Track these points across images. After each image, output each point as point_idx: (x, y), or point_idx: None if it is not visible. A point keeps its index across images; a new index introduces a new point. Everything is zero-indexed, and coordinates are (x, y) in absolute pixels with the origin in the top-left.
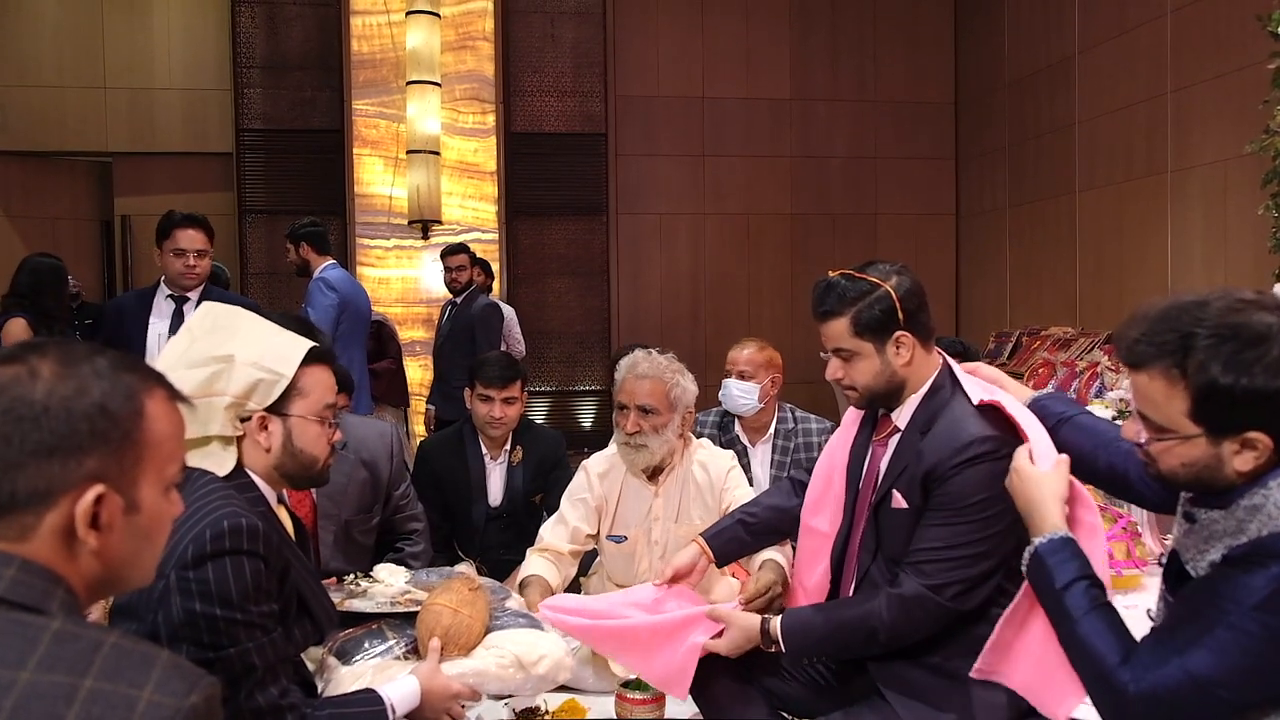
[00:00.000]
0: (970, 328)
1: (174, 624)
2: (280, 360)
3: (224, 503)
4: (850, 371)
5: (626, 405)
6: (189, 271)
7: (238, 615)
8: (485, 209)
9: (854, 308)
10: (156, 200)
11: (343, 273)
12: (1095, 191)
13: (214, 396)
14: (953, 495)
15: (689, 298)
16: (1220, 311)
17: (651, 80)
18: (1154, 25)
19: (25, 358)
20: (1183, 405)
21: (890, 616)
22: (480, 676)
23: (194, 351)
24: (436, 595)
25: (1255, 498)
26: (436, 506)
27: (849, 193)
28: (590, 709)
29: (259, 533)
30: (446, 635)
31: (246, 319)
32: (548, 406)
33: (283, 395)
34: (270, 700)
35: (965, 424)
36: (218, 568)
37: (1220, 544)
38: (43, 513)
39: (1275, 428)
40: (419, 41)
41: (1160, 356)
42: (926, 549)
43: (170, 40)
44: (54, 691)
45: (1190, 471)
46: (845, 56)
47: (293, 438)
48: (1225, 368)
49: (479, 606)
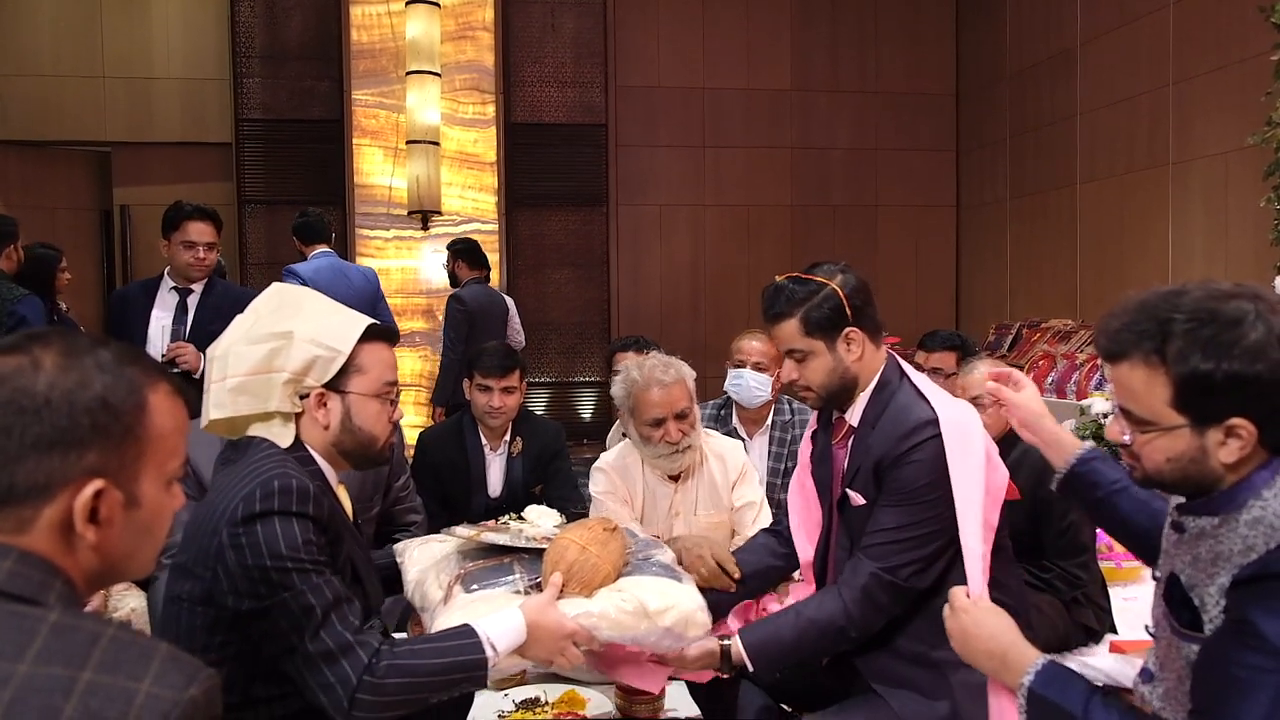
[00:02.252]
0: (970, 320)
1: (232, 578)
2: (338, 337)
3: (277, 465)
4: (804, 372)
5: (663, 417)
6: (198, 264)
7: (288, 564)
8: (485, 200)
9: (803, 308)
10: (156, 190)
11: (318, 263)
12: (1096, 184)
13: (273, 373)
14: (902, 481)
15: (689, 289)
16: (1197, 299)
17: (652, 71)
18: (1156, 17)
19: (28, 348)
20: (1164, 394)
21: (854, 608)
22: (599, 619)
23: (256, 329)
24: (568, 530)
25: (1254, 509)
26: (435, 497)
27: (849, 184)
28: (590, 699)
29: (309, 494)
30: (569, 572)
31: (311, 297)
32: (547, 398)
33: (341, 372)
34: (339, 640)
35: (909, 411)
36: (266, 525)
37: (1227, 566)
38: (41, 506)
39: (1258, 413)
40: (419, 31)
41: (1139, 344)
42: (878, 532)
43: (169, 30)
44: (52, 684)
45: (1175, 467)
46: (846, 48)
47: (351, 415)
48: (1205, 353)
49: (611, 549)
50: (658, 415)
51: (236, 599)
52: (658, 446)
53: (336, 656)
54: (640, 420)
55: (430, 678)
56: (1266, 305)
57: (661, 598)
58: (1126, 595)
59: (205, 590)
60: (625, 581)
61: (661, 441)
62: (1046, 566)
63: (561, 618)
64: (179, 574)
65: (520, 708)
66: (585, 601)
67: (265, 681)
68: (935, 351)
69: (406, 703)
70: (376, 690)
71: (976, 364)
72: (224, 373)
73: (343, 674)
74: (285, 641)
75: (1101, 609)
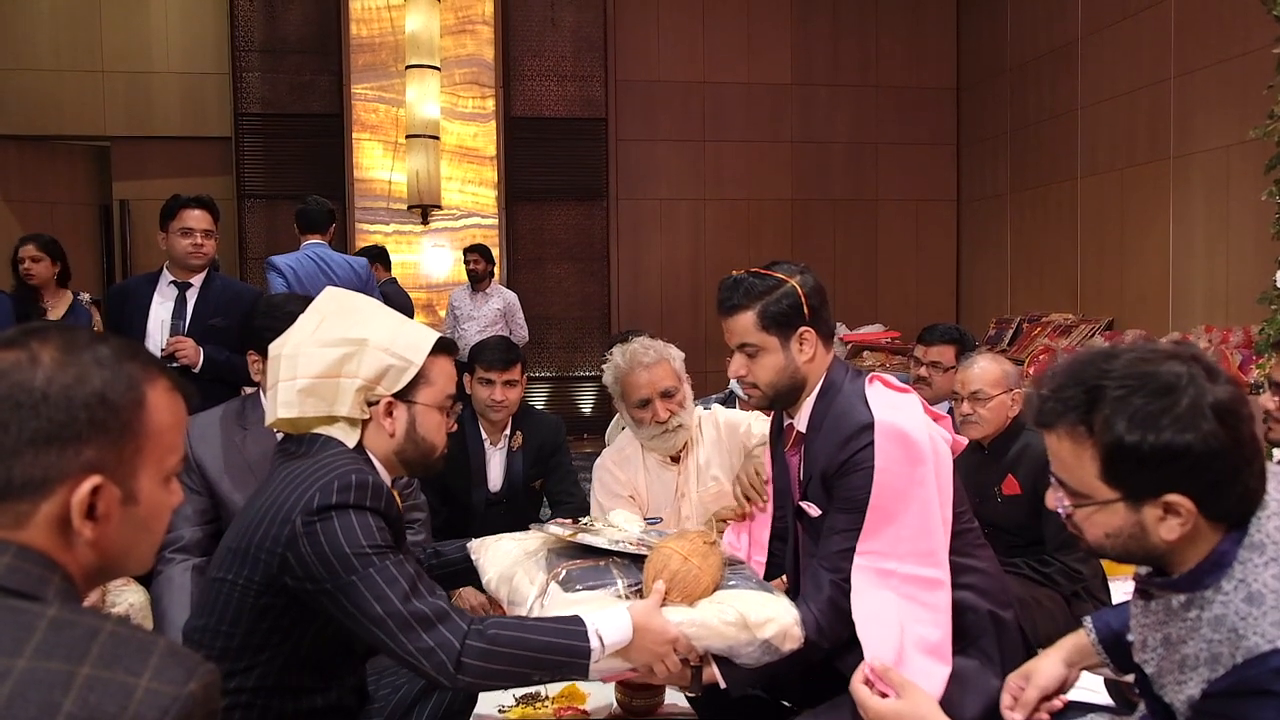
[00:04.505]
0: (971, 314)
1: (307, 564)
2: (411, 348)
3: (352, 462)
4: (754, 368)
5: (649, 398)
6: (196, 251)
7: (366, 549)
8: (485, 194)
9: (761, 302)
10: (155, 185)
11: (300, 255)
12: (1097, 177)
13: (344, 378)
14: (850, 487)
15: (689, 283)
16: (1128, 363)
17: (652, 65)
18: (1157, 10)
19: (26, 343)
20: (1093, 467)
21: (823, 620)
22: (701, 629)
23: (324, 331)
24: (670, 540)
25: (1215, 607)
26: (435, 491)
27: (850, 178)
28: (590, 694)
29: (382, 491)
30: (672, 580)
31: (368, 303)
32: (548, 392)
33: (410, 383)
34: (434, 607)
35: (849, 414)
36: (342, 516)
37: (1195, 677)
38: (39, 501)
39: (1194, 488)
40: (418, 25)
41: (1065, 414)
42: (833, 538)
43: (168, 24)
44: (51, 679)
45: (1116, 543)
46: (846, 41)
47: (416, 425)
48: (1131, 423)
49: (711, 561)
50: (644, 395)
51: (311, 583)
52: (650, 428)
53: (433, 621)
54: (629, 403)
55: (534, 653)
56: (1202, 369)
57: (761, 610)
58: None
59: (267, 575)
60: (723, 594)
61: (652, 422)
62: (1047, 561)
63: (666, 624)
64: (231, 557)
65: (521, 703)
66: (689, 610)
67: (301, 671)
68: (934, 345)
69: (510, 675)
70: (483, 655)
71: (976, 358)
72: (293, 372)
73: (442, 638)
74: (372, 612)
75: (1102, 603)
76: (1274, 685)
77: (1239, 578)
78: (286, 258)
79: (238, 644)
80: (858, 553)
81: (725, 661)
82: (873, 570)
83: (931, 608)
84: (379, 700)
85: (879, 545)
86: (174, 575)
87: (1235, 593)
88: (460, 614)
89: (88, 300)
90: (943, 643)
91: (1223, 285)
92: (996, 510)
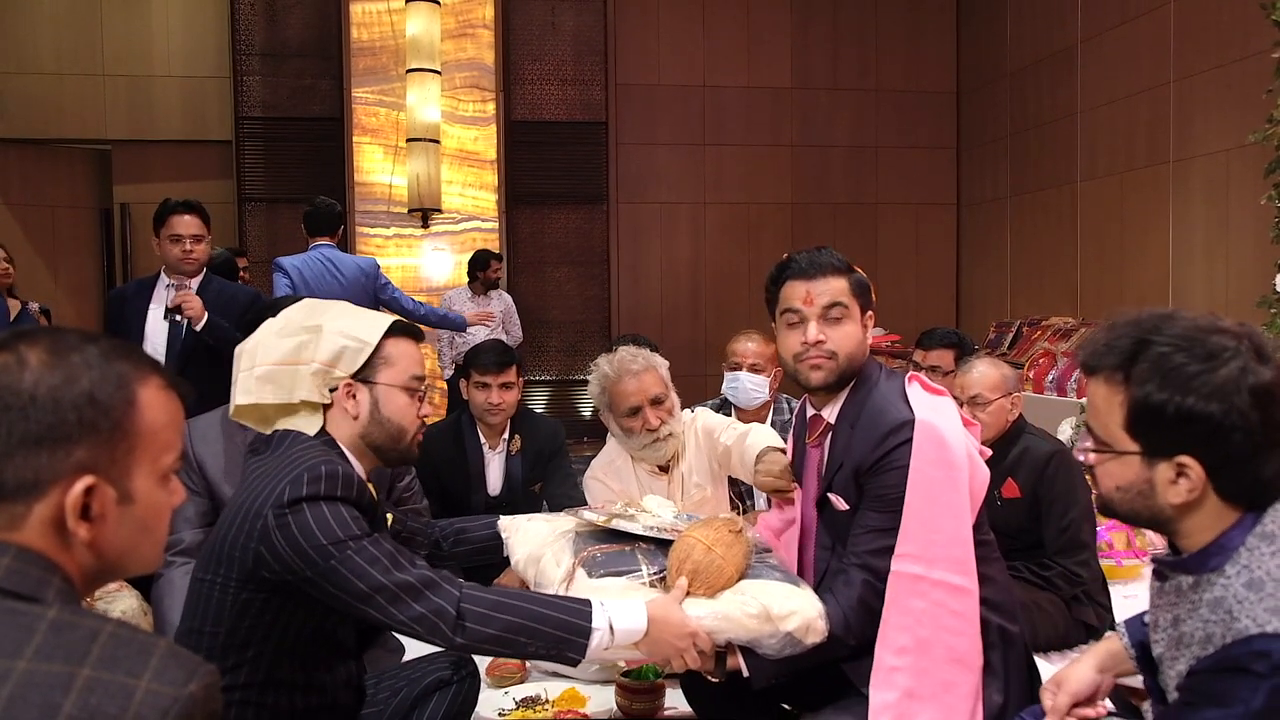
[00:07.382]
0: (971, 317)
1: (283, 556)
2: (365, 330)
3: (321, 453)
4: (835, 335)
5: (639, 406)
6: (186, 257)
7: (340, 536)
8: (485, 197)
9: (851, 272)
10: (156, 188)
11: (307, 256)
12: (1097, 181)
13: (300, 364)
14: (885, 485)
15: (689, 287)
16: (1185, 327)
17: (652, 69)
18: (1157, 14)
19: (14, 346)
20: (1119, 415)
21: (852, 617)
22: (723, 621)
23: (287, 325)
24: (695, 528)
25: (1215, 589)
26: (435, 496)
27: (850, 182)
28: (590, 698)
29: (353, 480)
30: (695, 572)
31: (341, 304)
32: (547, 396)
33: (369, 364)
34: (420, 575)
35: (886, 412)
36: (313, 508)
37: (1186, 654)
38: (32, 503)
39: (1208, 455)
40: (419, 29)
41: (1110, 359)
42: (865, 536)
43: (169, 27)
44: (51, 680)
45: (1124, 497)
46: (846, 45)
47: (380, 406)
48: (1164, 381)
49: (736, 550)
50: (633, 403)
51: (290, 574)
52: (640, 436)
53: (420, 589)
54: (618, 412)
55: (531, 622)
56: (1253, 348)
57: (785, 602)
58: (1127, 593)
59: (244, 571)
60: (747, 584)
61: (643, 430)
62: (1047, 564)
63: (685, 619)
64: (210, 558)
65: (521, 705)
66: (711, 603)
67: (289, 666)
68: (933, 349)
69: (506, 641)
70: (480, 620)
71: (975, 362)
72: (252, 362)
73: (434, 604)
74: (357, 590)
75: (1102, 607)
76: (1253, 665)
77: (1244, 563)
78: (294, 259)
79: (222, 642)
80: (894, 555)
81: (749, 651)
82: (907, 576)
83: (960, 616)
84: (378, 703)
85: (912, 548)
86: (175, 578)
87: (1237, 577)
88: (450, 580)
89: (37, 310)
90: (970, 652)
91: (1222, 289)
92: (996, 513)
